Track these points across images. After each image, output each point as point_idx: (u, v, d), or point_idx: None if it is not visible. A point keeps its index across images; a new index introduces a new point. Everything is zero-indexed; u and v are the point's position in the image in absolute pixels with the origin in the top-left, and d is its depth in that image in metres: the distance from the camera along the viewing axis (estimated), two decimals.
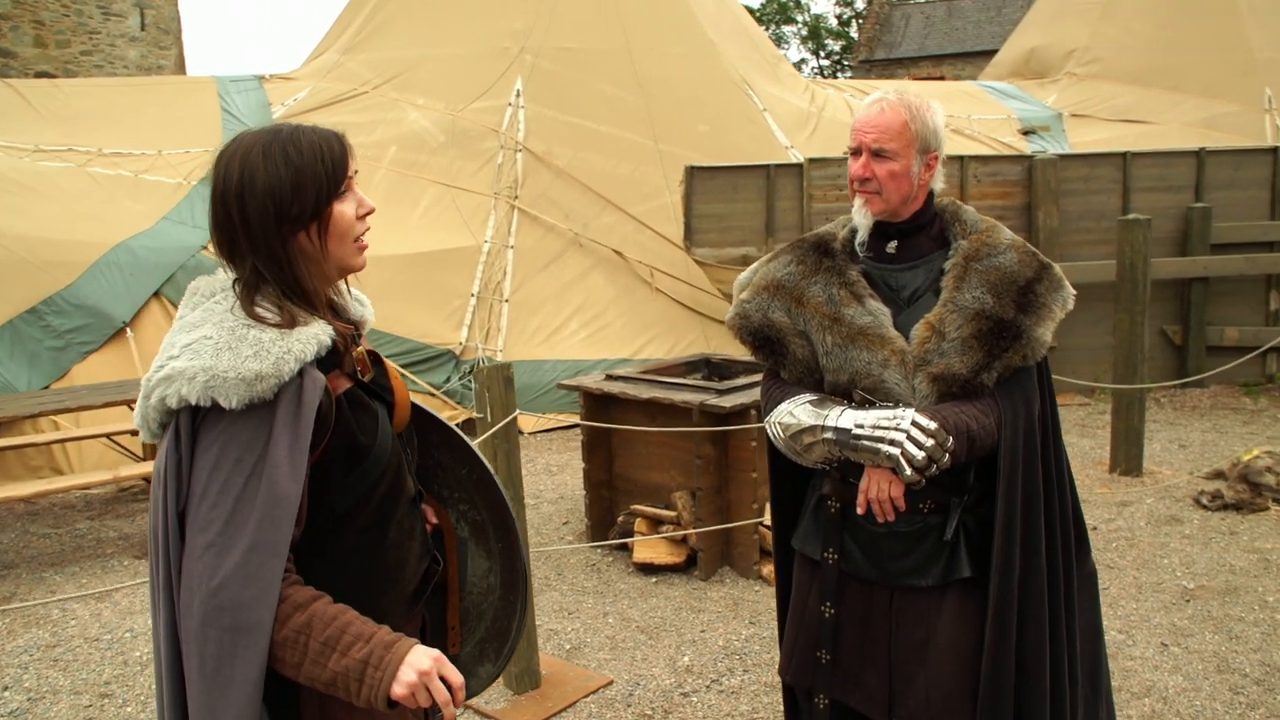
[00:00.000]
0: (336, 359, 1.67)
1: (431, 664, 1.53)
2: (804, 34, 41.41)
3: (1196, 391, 8.39)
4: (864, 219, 2.20)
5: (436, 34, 9.99)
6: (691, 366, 5.78)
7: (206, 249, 7.77)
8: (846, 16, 41.04)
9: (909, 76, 27.24)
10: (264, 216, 1.58)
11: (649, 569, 4.96)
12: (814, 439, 2.13)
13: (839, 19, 41.49)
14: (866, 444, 2.05)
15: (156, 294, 7.42)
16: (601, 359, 8.23)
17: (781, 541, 2.52)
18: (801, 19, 41.12)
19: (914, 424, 2.02)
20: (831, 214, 8.00)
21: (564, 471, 6.86)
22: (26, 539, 5.87)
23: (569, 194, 9.22)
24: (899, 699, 2.23)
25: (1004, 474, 2.11)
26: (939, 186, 2.26)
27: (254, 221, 1.58)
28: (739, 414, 4.74)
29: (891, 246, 2.24)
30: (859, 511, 2.17)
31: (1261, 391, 8.30)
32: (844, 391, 2.19)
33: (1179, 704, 3.60)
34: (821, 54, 41.61)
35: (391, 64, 9.92)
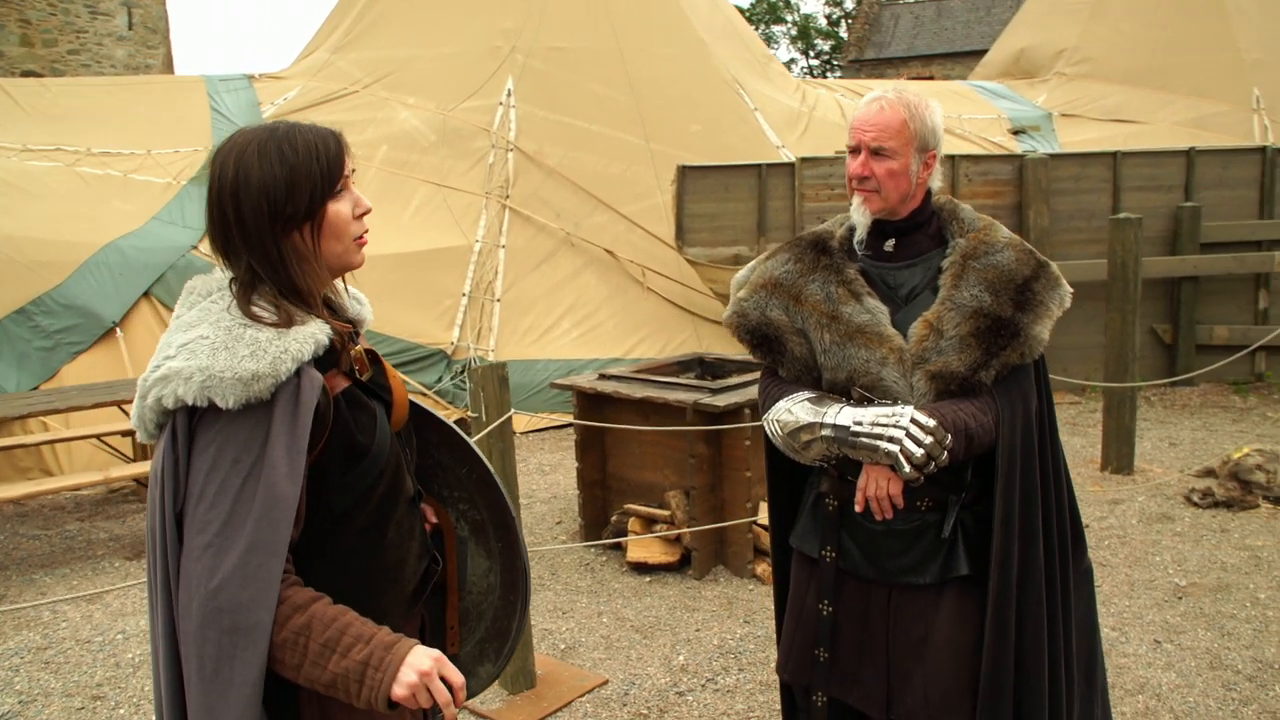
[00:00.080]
0: (334, 358, 1.66)
1: (432, 664, 1.52)
2: (793, 34, 41.47)
3: (1186, 390, 8.42)
4: (862, 217, 2.20)
5: (427, 33, 9.97)
6: (684, 366, 5.78)
7: (196, 249, 7.75)
8: (836, 16, 41.14)
9: (898, 76, 27.29)
10: (258, 215, 1.57)
11: (643, 568, 4.96)
12: (812, 436, 2.13)
13: (828, 19, 41.60)
14: (865, 441, 2.05)
15: (146, 294, 7.39)
16: (593, 359, 8.22)
17: (779, 540, 2.52)
18: (791, 19, 41.18)
19: (913, 421, 2.03)
20: (823, 213, 8.02)
21: (556, 471, 6.85)
22: (16, 541, 5.83)
23: (560, 193, 9.22)
24: (897, 697, 2.23)
25: (1002, 472, 2.12)
26: (937, 185, 2.26)
27: (248, 220, 1.57)
28: (733, 413, 4.74)
29: (889, 244, 2.24)
30: (857, 509, 2.17)
31: (1250, 390, 8.34)
32: (842, 389, 2.19)
33: (1172, 700, 3.61)
34: (811, 54, 41.68)
35: (382, 63, 9.89)
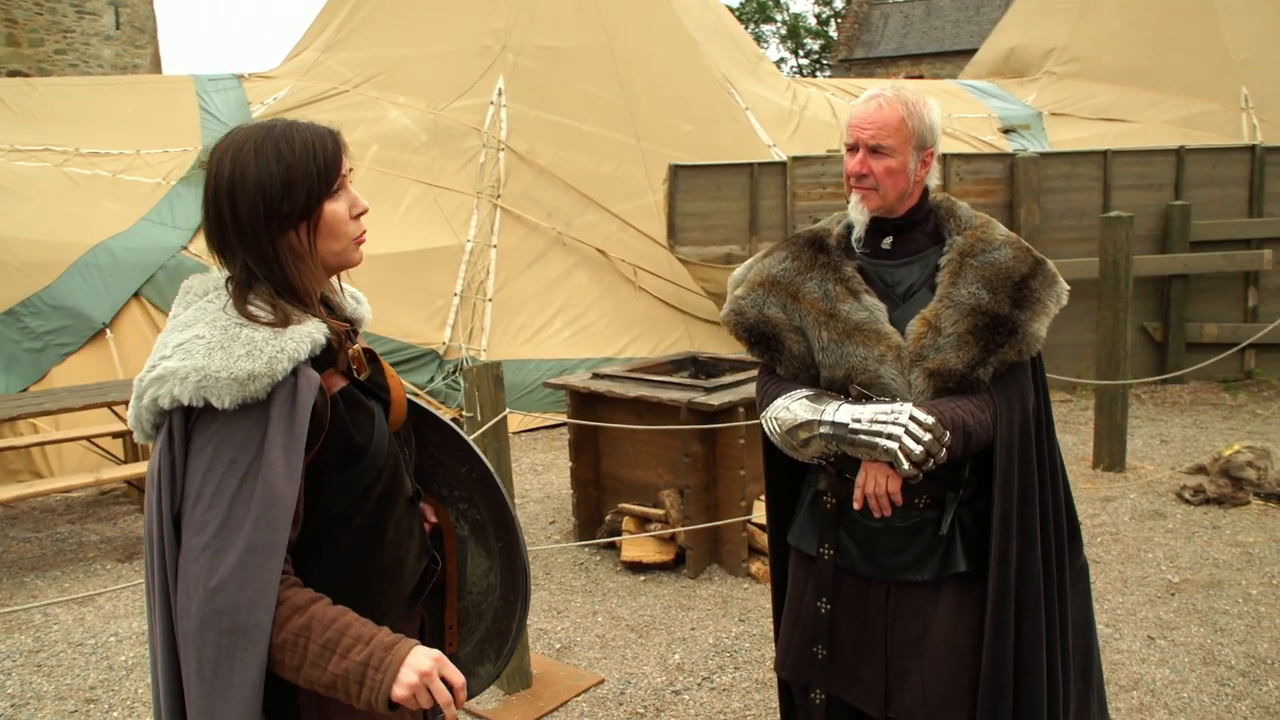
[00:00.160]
0: (331, 357, 1.65)
1: (432, 664, 1.52)
2: (783, 33, 41.51)
3: (1176, 387, 8.46)
4: (860, 215, 2.20)
5: (417, 32, 9.94)
6: (678, 364, 5.77)
7: (187, 249, 7.72)
8: (825, 16, 41.18)
9: (888, 76, 27.34)
10: (254, 214, 1.56)
11: (637, 567, 4.96)
12: (810, 434, 2.13)
13: (818, 18, 41.65)
14: (864, 438, 2.05)
15: (136, 295, 7.35)
16: (585, 358, 8.22)
17: (777, 538, 2.52)
18: (780, 18, 41.21)
19: (912, 418, 2.03)
20: (815, 212, 8.03)
21: (549, 471, 6.84)
22: (6, 543, 5.80)
23: (552, 193, 9.21)
24: (895, 694, 2.23)
25: (1000, 469, 2.12)
26: (934, 182, 2.26)
27: (244, 218, 1.56)
28: (727, 412, 4.74)
29: (887, 242, 2.25)
30: (856, 506, 2.17)
31: (1240, 387, 8.38)
32: (840, 387, 2.19)
33: (1166, 696, 3.63)
34: (800, 53, 41.72)
35: (372, 62, 9.87)
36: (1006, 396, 2.14)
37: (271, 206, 1.56)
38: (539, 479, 6.69)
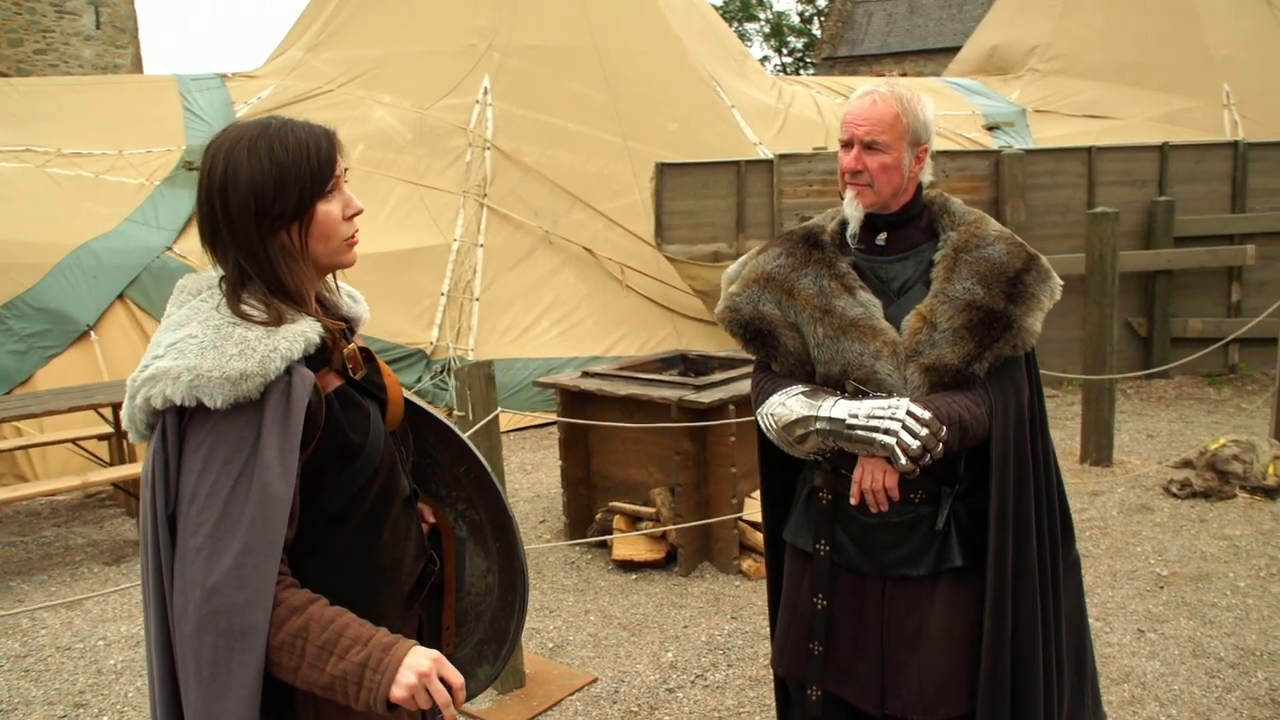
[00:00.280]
0: (326, 356, 1.64)
1: (430, 665, 1.51)
2: (766, 31, 41.53)
3: (1161, 382, 8.51)
4: (855, 211, 2.20)
5: (402, 31, 9.91)
6: (667, 362, 5.77)
7: (171, 250, 7.67)
8: (809, 14, 41.21)
9: (872, 74, 27.40)
10: (245, 213, 1.54)
11: (629, 566, 4.95)
12: (807, 430, 2.13)
13: (801, 16, 41.66)
14: (861, 434, 2.05)
15: (121, 296, 7.30)
16: (573, 356, 8.21)
17: (772, 534, 2.52)
18: (764, 16, 41.23)
19: (908, 414, 2.03)
20: (802, 209, 8.04)
21: (539, 470, 6.83)
22: None
23: (538, 192, 9.19)
24: (891, 690, 2.23)
25: (996, 464, 2.12)
26: (927, 179, 2.27)
27: (236, 217, 1.54)
28: (717, 409, 4.74)
29: (881, 238, 2.25)
30: (853, 502, 2.17)
31: (1224, 381, 8.44)
32: (836, 383, 2.19)
33: (1157, 689, 3.65)
34: (784, 51, 41.75)
35: (357, 61, 9.83)
36: (1001, 391, 2.15)
37: (263, 206, 1.54)
38: (528, 478, 6.68)
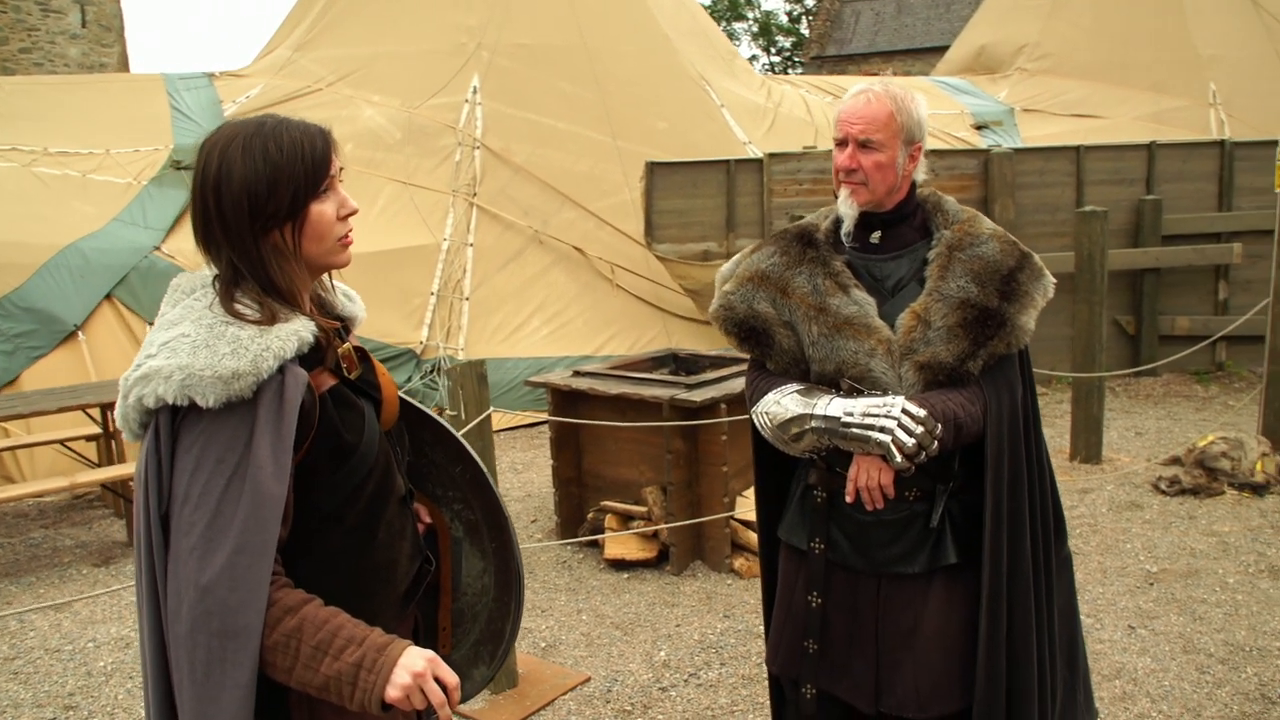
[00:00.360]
0: (320, 356, 1.63)
1: (425, 665, 1.50)
2: (754, 30, 41.55)
3: (1149, 380, 8.55)
4: (850, 210, 2.21)
5: (391, 30, 9.87)
6: (658, 361, 5.77)
7: (159, 250, 7.62)
8: (797, 13, 41.25)
9: (860, 73, 27.44)
10: (239, 212, 1.54)
11: (621, 565, 4.95)
12: (802, 428, 2.13)
13: (789, 15, 41.69)
14: (857, 432, 2.06)
15: (109, 296, 7.25)
16: (564, 356, 8.20)
17: (767, 532, 2.52)
18: (752, 16, 41.25)
19: (904, 411, 2.03)
20: (791, 208, 8.04)
21: (529, 469, 6.82)
22: None
23: (528, 191, 9.17)
24: (886, 687, 2.23)
25: (991, 462, 2.13)
26: (921, 177, 2.27)
27: (229, 216, 1.54)
28: (709, 408, 4.74)
29: (875, 237, 2.25)
30: (848, 499, 2.17)
31: (1212, 379, 8.48)
32: (830, 381, 2.19)
33: (1148, 685, 3.66)
34: (772, 50, 41.79)
35: (345, 60, 9.79)
36: (995, 389, 2.15)
37: (256, 206, 1.54)
38: (519, 477, 6.67)
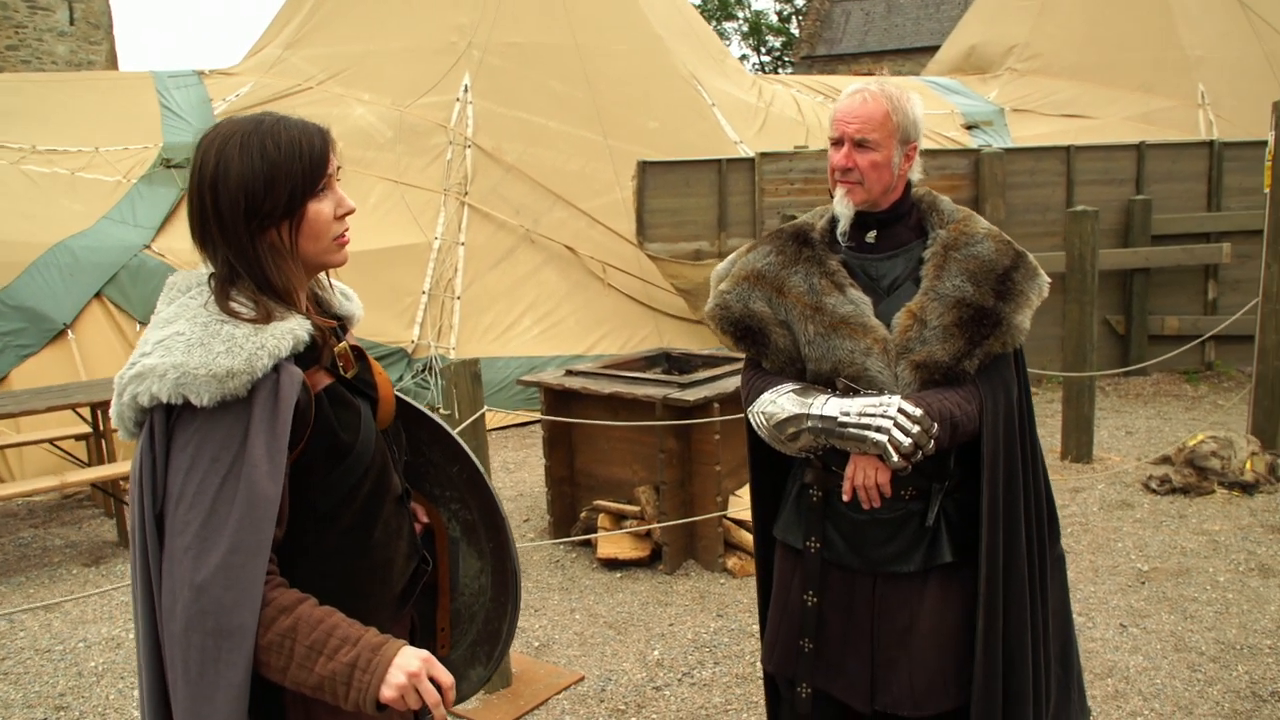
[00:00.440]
0: (316, 354, 1.63)
1: (420, 665, 1.50)
2: (745, 30, 41.56)
3: (1139, 379, 8.59)
4: (845, 209, 2.21)
5: (381, 28, 9.85)
6: (651, 361, 5.77)
7: (149, 248, 7.59)
8: (787, 13, 41.28)
9: (850, 73, 27.48)
10: (235, 210, 1.53)
11: (613, 564, 4.95)
12: (799, 428, 2.13)
13: (779, 15, 41.72)
14: (853, 431, 2.06)
15: (98, 295, 7.22)
16: (555, 355, 8.19)
17: (762, 531, 2.52)
18: (742, 15, 41.26)
19: (900, 411, 2.03)
20: (783, 207, 8.05)
21: (522, 469, 6.81)
22: None
23: (519, 190, 9.16)
24: (881, 686, 2.24)
25: (987, 460, 2.13)
26: (916, 177, 2.27)
27: (226, 214, 1.53)
28: (702, 407, 4.74)
29: (871, 236, 2.25)
30: (845, 498, 2.17)
31: (1201, 378, 8.52)
32: (826, 380, 2.19)
33: (1140, 683, 3.67)
34: (763, 50, 41.81)
35: (336, 59, 9.76)
36: (991, 388, 2.16)
37: (253, 204, 1.53)
38: (511, 477, 6.66)
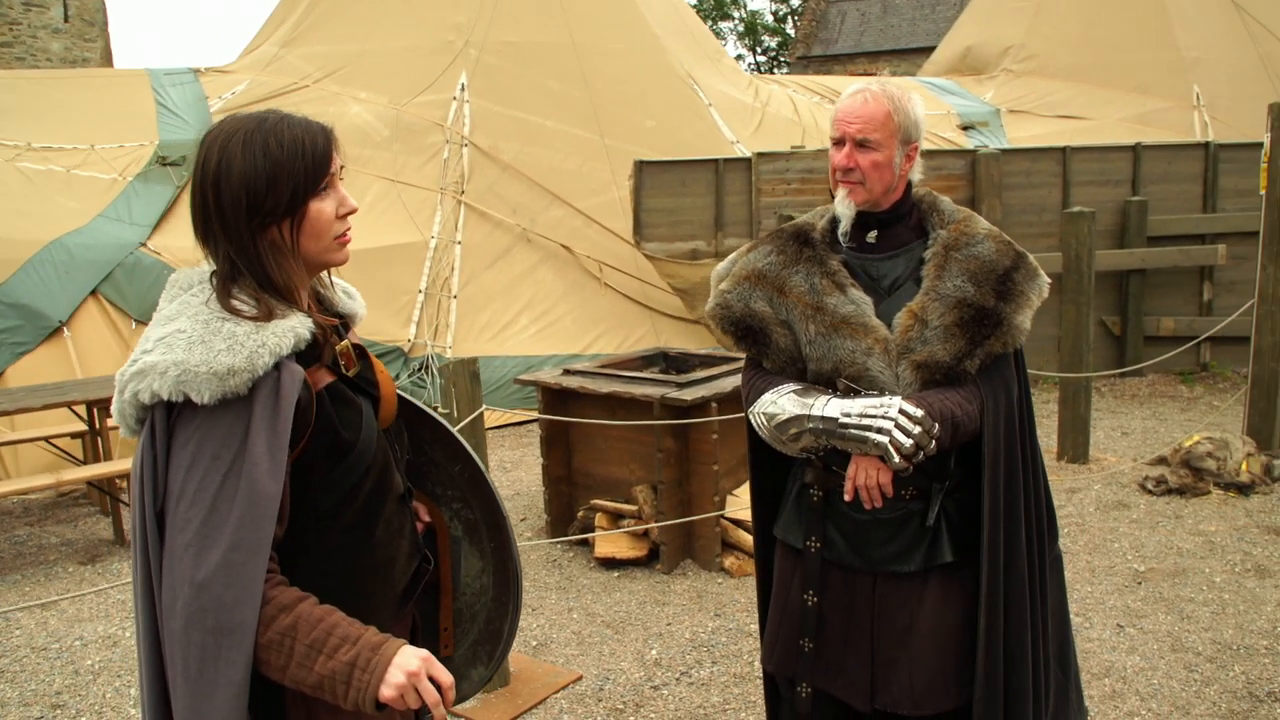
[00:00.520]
0: (317, 353, 1.63)
1: (420, 664, 1.49)
2: (740, 30, 41.58)
3: (1135, 380, 8.60)
4: (847, 210, 2.21)
5: (378, 27, 9.83)
6: (648, 360, 5.77)
7: (145, 246, 7.57)
8: (783, 13, 41.31)
9: (845, 73, 27.51)
10: (237, 208, 1.53)
11: (611, 563, 4.95)
12: (800, 429, 2.13)
13: (775, 15, 41.75)
14: (855, 432, 2.06)
15: (94, 293, 7.20)
16: (552, 354, 8.18)
17: (762, 531, 2.52)
18: (738, 15, 41.27)
19: (901, 412, 2.03)
20: (780, 207, 8.05)
21: (518, 468, 6.81)
22: None
23: (516, 189, 9.16)
24: (881, 686, 2.24)
25: (988, 460, 2.13)
26: (917, 177, 2.28)
27: (227, 211, 1.54)
28: (699, 407, 4.73)
29: (872, 236, 2.25)
30: (846, 499, 2.17)
31: (1196, 380, 8.55)
32: (827, 380, 2.19)
33: (1137, 683, 3.68)
34: (758, 50, 41.83)
35: (332, 57, 9.74)
36: (992, 388, 2.16)
37: (255, 202, 1.53)
38: (508, 475, 6.66)
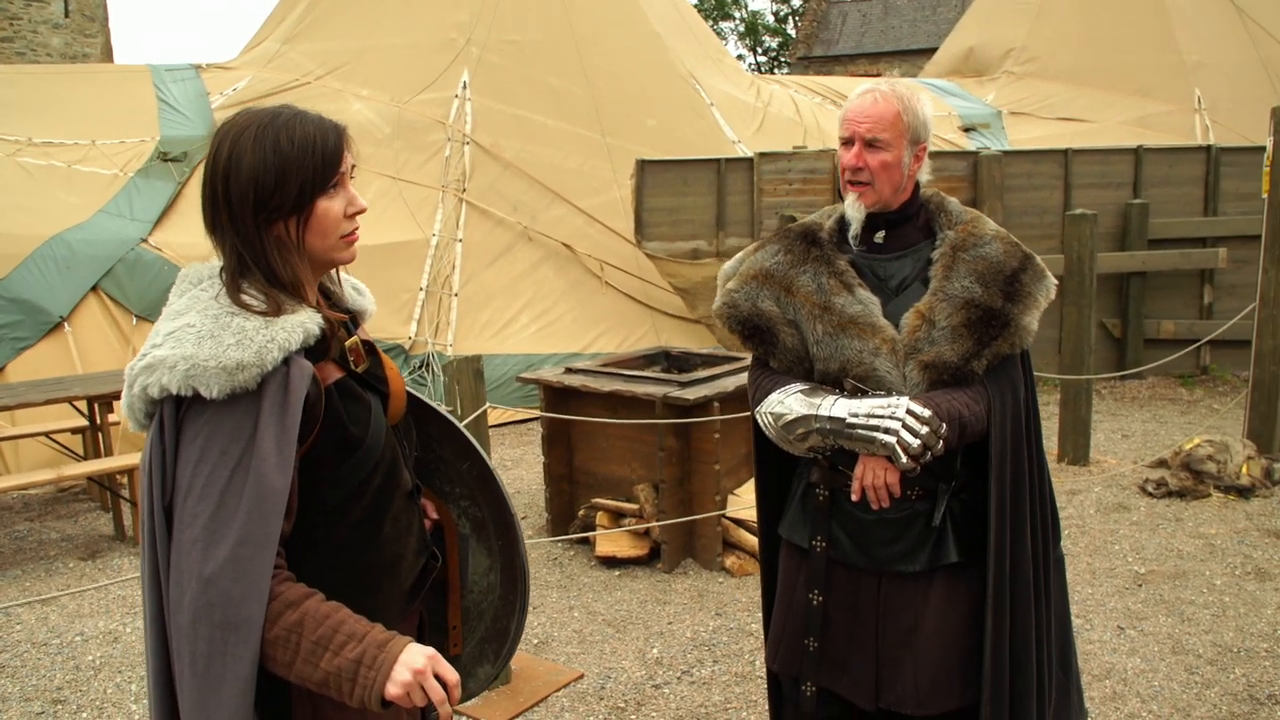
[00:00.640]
0: (326, 348, 1.63)
1: (426, 662, 1.49)
2: (741, 30, 41.57)
3: (1135, 383, 8.61)
4: (856, 212, 2.20)
5: (380, 24, 9.82)
6: (650, 359, 5.77)
7: (146, 242, 7.56)
8: (783, 13, 41.32)
9: (846, 74, 27.51)
10: (244, 201, 1.54)
11: (612, 562, 4.95)
12: (807, 429, 2.13)
13: (776, 16, 41.76)
14: (862, 432, 2.06)
15: (95, 288, 7.19)
16: (553, 353, 8.18)
17: (767, 531, 2.52)
18: (739, 15, 41.27)
19: (908, 412, 2.04)
20: (781, 208, 8.06)
21: (519, 466, 6.81)
22: None
23: (517, 187, 9.15)
24: (886, 685, 2.24)
25: (995, 461, 2.14)
26: (925, 178, 2.28)
27: (235, 205, 1.54)
28: (701, 406, 4.74)
29: (880, 236, 2.25)
30: (854, 498, 2.18)
31: (1196, 383, 8.55)
32: (834, 380, 2.19)
33: (1138, 685, 3.69)
34: (759, 50, 41.83)
35: (334, 54, 9.73)
36: (999, 388, 2.16)
37: (263, 197, 1.54)
38: (509, 474, 6.65)
